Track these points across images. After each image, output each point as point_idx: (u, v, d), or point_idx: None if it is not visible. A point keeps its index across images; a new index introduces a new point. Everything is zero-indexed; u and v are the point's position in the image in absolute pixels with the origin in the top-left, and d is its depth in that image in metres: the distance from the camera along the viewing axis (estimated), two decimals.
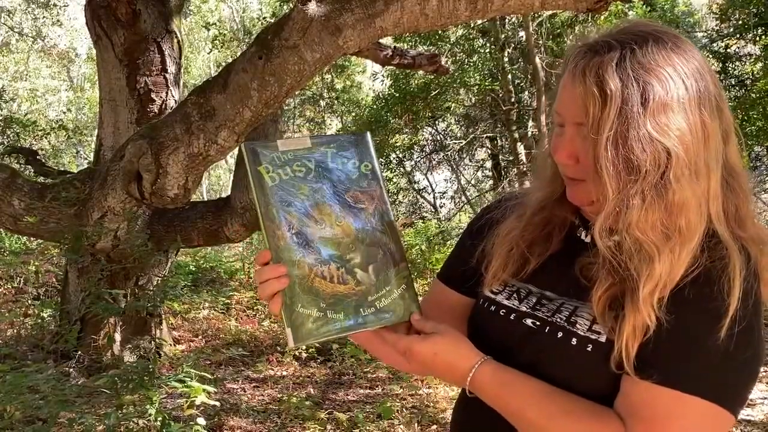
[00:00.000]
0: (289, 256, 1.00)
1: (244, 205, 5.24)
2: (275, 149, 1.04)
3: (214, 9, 17.43)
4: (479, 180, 15.53)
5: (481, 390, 1.00)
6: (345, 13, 3.69)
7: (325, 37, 3.74)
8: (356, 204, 1.06)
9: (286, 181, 1.03)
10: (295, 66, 3.77)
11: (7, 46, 18.76)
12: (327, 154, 1.07)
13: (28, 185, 4.74)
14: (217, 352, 6.09)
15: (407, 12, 3.72)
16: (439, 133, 14.20)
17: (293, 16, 3.71)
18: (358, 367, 5.73)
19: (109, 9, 5.33)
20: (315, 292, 1.00)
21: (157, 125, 4.25)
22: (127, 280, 5.40)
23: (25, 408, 3.84)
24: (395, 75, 11.42)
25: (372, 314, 1.03)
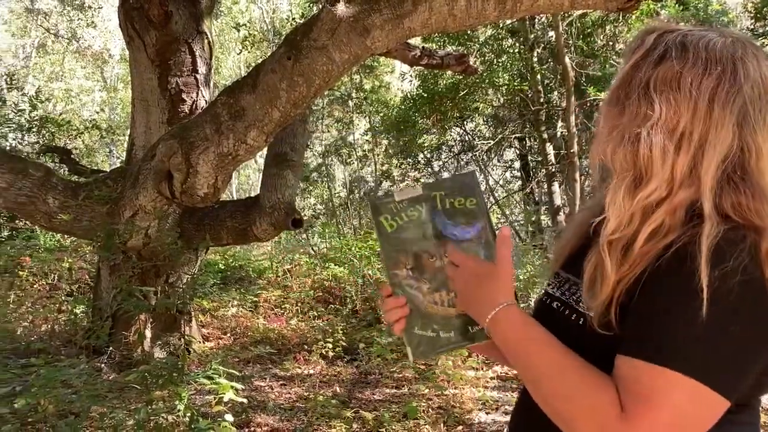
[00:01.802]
0: (407, 289, 1.20)
1: (273, 205, 5.28)
2: (392, 200, 1.23)
3: (244, 10, 17.59)
4: (507, 180, 15.43)
5: (498, 327, 1.07)
6: (373, 14, 3.70)
7: (353, 37, 3.75)
8: (463, 237, 1.21)
9: (402, 226, 1.21)
10: (323, 66, 3.79)
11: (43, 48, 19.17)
12: (437, 198, 1.23)
13: (62, 184, 4.84)
14: (245, 350, 6.15)
15: (435, 12, 3.72)
16: (467, 134, 14.15)
17: (322, 16, 3.73)
18: (384, 366, 5.74)
19: (141, 10, 5.41)
20: (429, 316, 1.19)
21: (188, 125, 4.31)
22: (157, 277, 5.48)
23: (59, 402, 3.91)
24: (423, 75, 11.41)
25: (478, 331, 1.18)
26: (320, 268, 8.75)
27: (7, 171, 4.54)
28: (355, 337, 6.35)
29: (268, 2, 19.42)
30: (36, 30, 18.44)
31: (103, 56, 20.11)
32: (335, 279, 8.37)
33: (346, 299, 7.86)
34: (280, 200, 5.33)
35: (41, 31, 18.16)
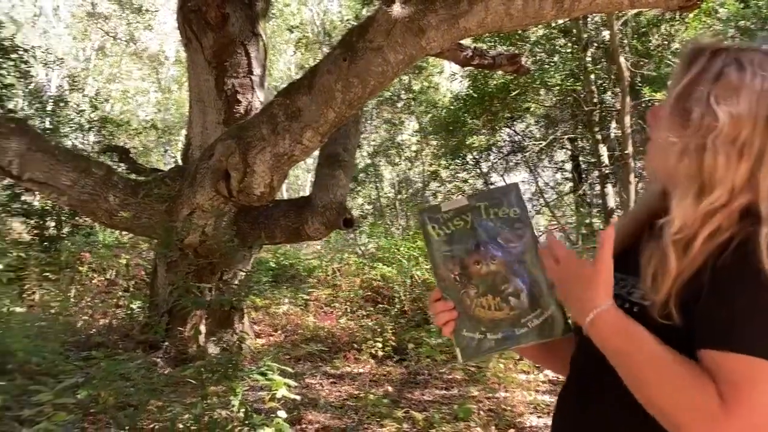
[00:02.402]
0: (454, 293, 1.26)
1: (325, 204, 5.33)
2: (439, 211, 1.31)
3: (295, 12, 17.81)
4: (558, 182, 15.22)
5: (598, 329, 1.09)
6: (429, 14, 3.71)
7: (408, 38, 3.76)
8: (507, 244, 1.27)
9: (449, 234, 1.29)
10: (378, 67, 3.82)
11: (102, 50, 19.80)
12: (481, 208, 1.30)
13: (122, 182, 4.99)
14: (296, 348, 6.23)
15: (492, 12, 3.70)
16: (517, 134, 14.01)
17: (377, 17, 3.75)
18: (434, 367, 5.74)
19: (199, 13, 5.53)
20: (477, 319, 1.25)
21: (245, 125, 4.39)
22: (212, 274, 5.59)
23: (118, 394, 4.02)
24: (473, 75, 11.34)
25: (524, 333, 1.24)
26: (369, 268, 8.79)
27: (71, 169, 4.70)
28: (404, 337, 6.35)
29: (318, 4, 19.61)
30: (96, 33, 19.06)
31: (159, 58, 20.65)
32: (383, 279, 8.39)
33: (395, 299, 7.88)
34: (332, 200, 5.38)
35: (101, 34, 18.76)
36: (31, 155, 4.50)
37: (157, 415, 3.92)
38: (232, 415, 3.86)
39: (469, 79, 11.68)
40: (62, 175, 4.66)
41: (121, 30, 18.01)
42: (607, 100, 12.07)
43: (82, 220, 8.97)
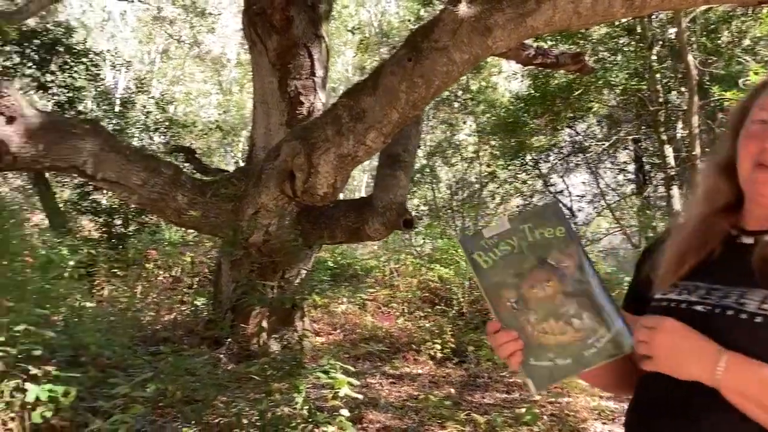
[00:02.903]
0: (514, 322, 1.21)
1: (385, 205, 5.35)
2: (482, 237, 1.27)
3: (354, 13, 17.94)
4: (620, 184, 14.85)
5: (737, 373, 1.05)
6: (495, 13, 3.67)
7: (474, 37, 3.74)
8: (559, 264, 1.24)
9: (497, 261, 1.24)
10: (443, 67, 3.80)
11: (166, 53, 20.39)
12: (525, 230, 1.26)
13: (190, 182, 5.12)
14: (355, 347, 6.26)
15: (560, 10, 3.64)
16: (578, 134, 13.74)
17: (443, 17, 3.74)
18: (494, 370, 5.68)
19: (264, 16, 5.62)
20: (543, 346, 1.20)
21: (310, 127, 4.44)
22: (274, 273, 5.67)
23: (184, 389, 4.12)
24: (534, 75, 11.19)
25: (594, 353, 1.20)
26: (426, 269, 8.77)
27: (141, 169, 4.85)
28: (463, 339, 6.31)
29: (376, 5, 19.70)
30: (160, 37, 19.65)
31: (221, 60, 21.14)
32: (441, 280, 8.37)
33: (452, 301, 7.84)
34: (392, 201, 5.39)
35: (165, 38, 19.33)
36: (105, 155, 4.66)
37: (223, 411, 3.99)
38: (295, 412, 3.91)
39: (530, 79, 11.53)
40: (133, 175, 4.81)
41: (185, 33, 18.51)
42: (672, 99, 11.72)
43: (149, 218, 9.27)
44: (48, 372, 3.68)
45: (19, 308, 3.92)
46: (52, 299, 5.10)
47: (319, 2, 5.90)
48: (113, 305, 6.83)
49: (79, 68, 9.81)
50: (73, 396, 3.65)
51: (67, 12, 18.03)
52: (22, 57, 9.58)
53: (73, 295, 5.88)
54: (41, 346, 3.77)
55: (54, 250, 5.91)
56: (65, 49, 9.61)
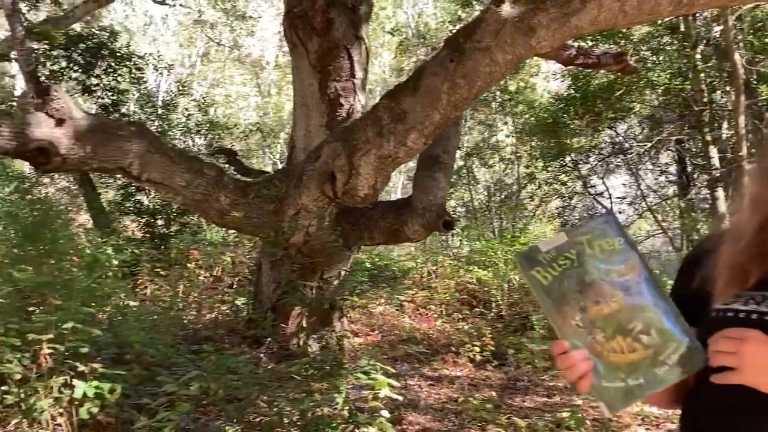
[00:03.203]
0: (581, 341, 1.15)
1: (425, 206, 5.34)
2: (539, 252, 1.20)
3: (391, 15, 17.96)
4: (661, 185, 14.57)
5: None
6: (539, 13, 3.63)
7: (517, 38, 3.71)
8: (622, 278, 1.18)
9: (557, 277, 1.18)
10: (486, 68, 3.78)
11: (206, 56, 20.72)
12: (584, 243, 1.20)
13: (232, 183, 5.18)
14: (393, 348, 6.27)
15: (605, 9, 3.58)
16: (618, 135, 13.52)
17: (486, 17, 3.72)
18: (534, 374, 5.62)
19: (305, 18, 5.67)
20: (613, 366, 1.14)
21: (351, 128, 4.46)
22: (313, 273, 5.71)
23: (226, 388, 4.16)
24: (574, 75, 11.04)
25: (667, 371, 1.14)
26: (464, 271, 8.73)
27: (185, 170, 4.93)
28: (503, 342, 6.26)
29: (413, 6, 19.69)
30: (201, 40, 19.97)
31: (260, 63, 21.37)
32: (479, 282, 8.32)
33: (491, 303, 7.79)
34: (432, 202, 5.38)
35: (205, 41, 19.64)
36: (150, 157, 4.75)
37: (265, 410, 4.02)
38: (335, 412, 3.92)
39: (570, 79, 11.38)
40: (177, 176, 4.89)
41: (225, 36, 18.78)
42: (717, 99, 11.45)
43: (190, 218, 9.42)
44: (94, 369, 3.76)
45: (67, 306, 4.01)
46: (97, 298, 5.22)
47: (359, 4, 5.92)
48: (156, 304, 6.95)
49: (122, 71, 10.03)
50: (118, 393, 3.73)
51: (110, 16, 18.44)
52: (69, 61, 9.84)
53: (118, 293, 6.00)
54: (88, 344, 3.86)
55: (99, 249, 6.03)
56: (110, 53, 9.83)
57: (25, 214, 7.77)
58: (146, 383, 4.49)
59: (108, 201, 10.44)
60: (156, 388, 4.37)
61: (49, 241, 6.11)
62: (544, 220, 10.09)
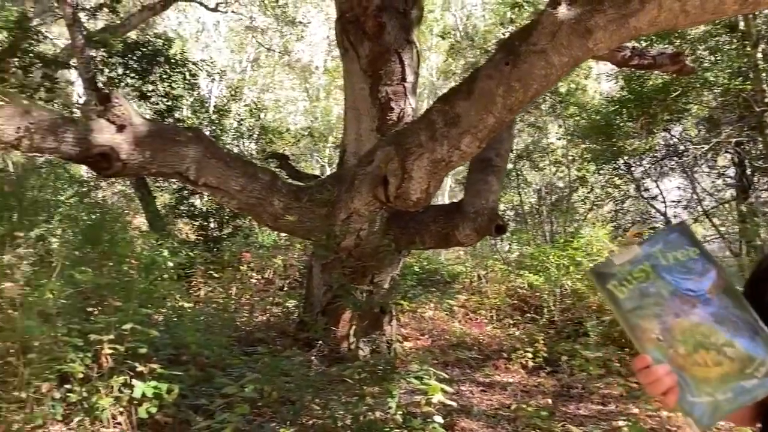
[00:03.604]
0: (663, 355, 1.13)
1: (477, 210, 5.29)
2: (613, 266, 1.19)
3: (439, 18, 17.93)
4: (718, 188, 14.12)
5: None
6: (597, 15, 3.57)
7: (574, 40, 3.65)
8: (700, 289, 1.15)
9: (633, 290, 1.16)
10: (542, 71, 3.73)
11: (256, 62, 21.05)
12: (658, 255, 1.18)
13: (285, 187, 5.24)
14: (443, 353, 6.24)
15: (665, 10, 3.49)
16: (672, 137, 13.15)
17: (542, 20, 3.67)
18: (589, 381, 5.51)
19: (357, 23, 5.69)
20: (698, 380, 1.12)
21: (404, 132, 4.46)
22: (363, 277, 5.73)
23: (279, 390, 4.20)
24: (628, 76, 10.81)
25: (756, 385, 1.11)
26: (514, 276, 8.64)
27: (240, 175, 5.00)
28: (555, 348, 6.16)
29: (461, 9, 19.60)
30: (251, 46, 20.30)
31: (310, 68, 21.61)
32: (530, 287, 8.21)
33: (543, 309, 7.69)
34: (484, 206, 5.33)
35: (256, 47, 19.95)
36: (206, 162, 4.84)
37: (318, 413, 4.04)
38: (388, 416, 3.92)
39: (624, 80, 11.15)
40: (232, 180, 4.97)
41: (275, 42, 19.04)
42: None
43: (242, 221, 9.58)
44: (153, 369, 3.85)
45: (126, 308, 4.11)
46: (154, 299, 5.35)
47: (410, 8, 5.92)
48: (209, 306, 7.08)
49: (177, 78, 10.27)
50: (176, 393, 3.81)
51: (164, 24, 18.90)
52: (125, 68, 10.13)
53: (173, 295, 6.14)
54: (146, 345, 3.95)
55: (156, 252, 6.18)
56: (165, 60, 10.08)
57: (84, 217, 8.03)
58: (202, 384, 4.58)
59: (163, 204, 10.70)
60: (211, 389, 4.45)
61: (108, 244, 6.29)
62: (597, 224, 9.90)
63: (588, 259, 8.03)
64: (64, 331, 3.66)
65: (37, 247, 7.15)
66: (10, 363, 3.51)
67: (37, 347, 3.51)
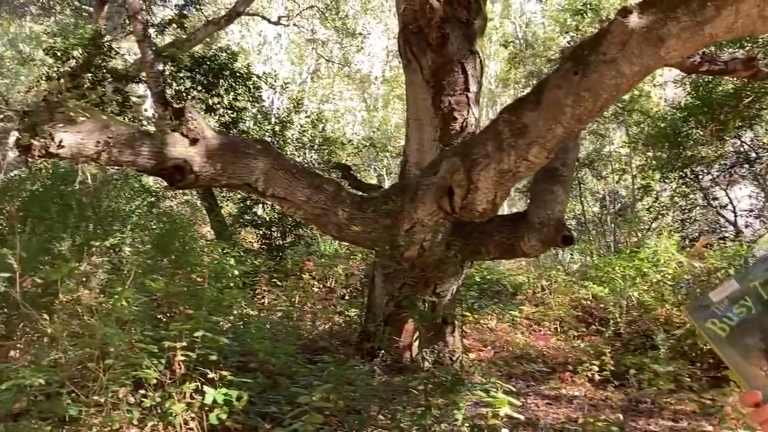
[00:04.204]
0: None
1: (542, 221, 5.23)
2: (710, 302, 1.16)
3: (498, 26, 17.85)
4: None
5: None
6: (669, 22, 3.49)
7: (645, 48, 3.58)
8: None
9: (736, 327, 1.13)
10: (612, 80, 3.67)
11: (316, 73, 21.39)
12: (757, 287, 1.14)
13: (350, 198, 5.30)
14: (507, 364, 6.17)
15: (743, 16, 3.39)
16: (743, 144, 12.69)
17: (612, 29, 3.61)
18: (659, 396, 5.36)
19: (421, 35, 5.72)
20: None
21: (470, 143, 4.45)
22: (426, 287, 5.73)
23: (345, 399, 4.23)
24: (695, 82, 10.51)
25: None
26: (578, 287, 8.48)
27: (306, 186, 5.09)
28: (623, 361, 6.01)
29: (520, 17, 19.45)
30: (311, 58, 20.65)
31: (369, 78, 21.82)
32: (595, 298, 8.05)
33: (608, 320, 7.52)
34: (550, 216, 5.27)
35: (316, 58, 20.29)
36: (274, 173, 4.94)
37: (384, 423, 4.05)
38: (454, 428, 3.90)
39: (690, 86, 10.84)
40: (299, 191, 5.06)
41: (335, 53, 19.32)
42: None
43: (305, 230, 9.72)
44: (223, 376, 3.95)
45: (197, 315, 4.22)
46: (222, 307, 5.48)
47: (474, 18, 5.91)
48: (273, 313, 7.20)
49: (241, 90, 10.53)
50: (245, 400, 3.88)
51: (227, 38, 19.41)
52: (193, 81, 10.43)
53: (239, 303, 6.27)
54: (216, 352, 4.05)
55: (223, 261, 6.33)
56: (230, 73, 10.34)
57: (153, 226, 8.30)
58: (269, 391, 4.67)
59: (227, 213, 10.96)
60: (279, 396, 4.53)
61: (179, 253, 6.48)
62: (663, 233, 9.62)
63: (655, 270, 7.84)
64: (140, 337, 3.77)
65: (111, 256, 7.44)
66: (89, 368, 3.66)
67: (114, 353, 3.64)
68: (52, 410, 3.38)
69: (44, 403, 3.51)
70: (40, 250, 5.91)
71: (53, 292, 4.73)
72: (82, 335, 3.83)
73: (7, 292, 4.91)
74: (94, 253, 7.04)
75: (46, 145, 3.95)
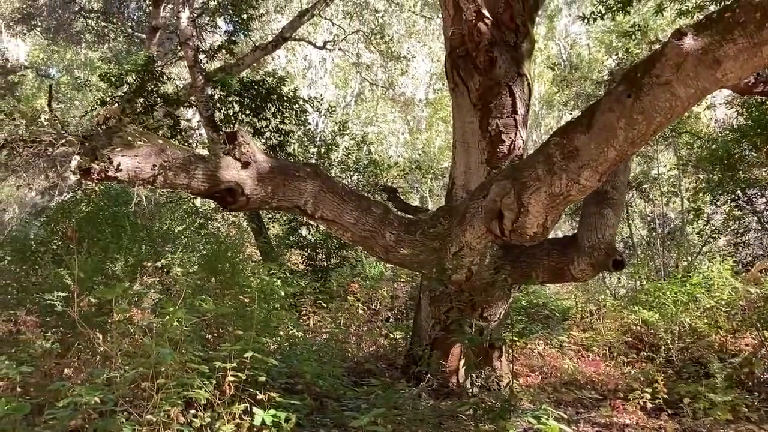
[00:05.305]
0: None
1: (592, 245, 5.16)
2: None
3: (543, 48, 17.80)
4: None
5: None
6: (726, 44, 3.43)
7: (701, 71, 3.52)
8: None
9: None
10: (666, 103, 3.62)
11: (360, 96, 21.64)
12: None
13: (397, 220, 5.31)
14: (556, 391, 6.06)
15: None
16: None
17: (666, 51, 3.57)
18: (715, 426, 5.18)
19: (468, 58, 5.75)
20: None
21: (520, 166, 4.43)
22: (473, 311, 5.69)
23: (392, 423, 4.20)
24: (748, 103, 10.26)
25: None
26: (627, 312, 8.29)
27: (354, 208, 5.12)
28: (676, 389, 5.84)
29: (565, 38, 19.35)
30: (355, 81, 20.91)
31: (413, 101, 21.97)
32: (645, 324, 7.85)
33: (659, 347, 7.33)
34: (600, 240, 5.19)
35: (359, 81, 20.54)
36: (322, 196, 5.00)
37: None
38: None
39: (742, 107, 10.59)
40: (347, 214, 5.10)
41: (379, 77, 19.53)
42: None
43: (349, 252, 9.77)
44: (272, 397, 3.97)
45: (246, 336, 4.27)
46: (270, 328, 5.53)
47: (521, 41, 5.92)
48: (320, 335, 7.23)
49: (288, 114, 10.72)
50: (293, 422, 3.89)
51: (273, 62, 19.79)
52: (241, 106, 10.66)
53: (286, 324, 6.32)
54: (264, 373, 4.09)
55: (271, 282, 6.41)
56: (277, 97, 10.54)
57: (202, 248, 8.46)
58: (315, 413, 4.68)
59: (274, 235, 11.10)
60: (326, 419, 4.54)
61: (227, 274, 6.58)
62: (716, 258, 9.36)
63: (708, 296, 7.63)
64: (191, 357, 3.83)
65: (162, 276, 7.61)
66: (143, 387, 3.72)
67: (166, 373, 3.69)
68: (107, 428, 3.43)
69: (99, 421, 3.57)
70: (95, 270, 6.10)
71: (107, 312, 4.86)
72: (135, 354, 3.91)
73: (64, 311, 5.07)
74: (146, 274, 7.23)
75: (105, 168, 4.07)
